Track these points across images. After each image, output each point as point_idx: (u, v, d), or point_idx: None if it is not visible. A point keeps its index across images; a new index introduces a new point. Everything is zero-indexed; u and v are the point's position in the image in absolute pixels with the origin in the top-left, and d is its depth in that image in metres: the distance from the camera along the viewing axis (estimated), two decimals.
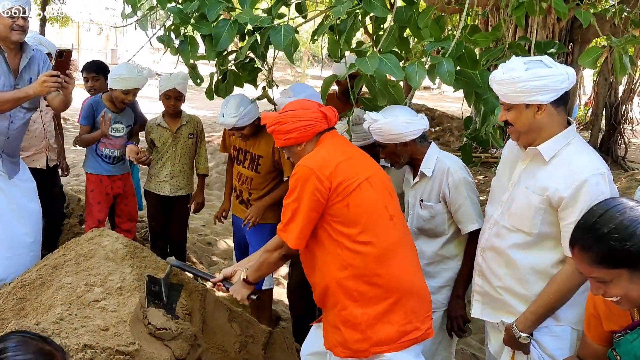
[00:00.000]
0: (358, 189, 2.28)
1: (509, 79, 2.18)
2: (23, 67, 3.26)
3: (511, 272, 2.38)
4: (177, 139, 4.19)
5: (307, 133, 2.39)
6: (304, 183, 2.26)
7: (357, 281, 2.28)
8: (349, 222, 2.27)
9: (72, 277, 2.88)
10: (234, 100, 3.48)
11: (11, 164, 3.41)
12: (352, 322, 2.29)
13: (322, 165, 2.28)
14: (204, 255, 5.28)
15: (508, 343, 2.40)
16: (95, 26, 23.97)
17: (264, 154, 3.65)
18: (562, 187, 2.19)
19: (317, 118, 2.40)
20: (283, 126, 2.39)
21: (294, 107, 2.44)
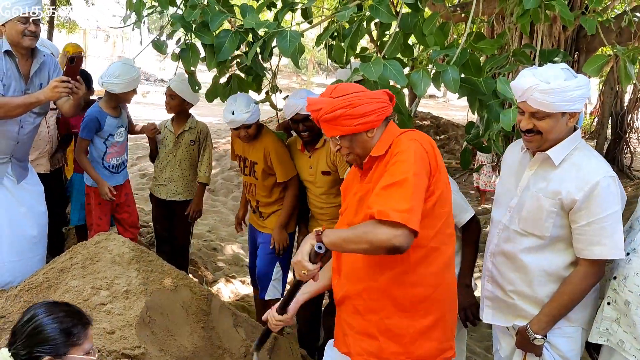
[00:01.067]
0: (446, 188, 2.08)
1: (559, 88, 2.16)
2: (34, 72, 3.29)
3: (523, 276, 2.40)
4: (178, 144, 4.19)
5: (382, 116, 2.06)
6: (423, 160, 1.96)
7: (413, 290, 2.08)
8: (427, 223, 2.00)
9: (78, 281, 2.91)
10: (243, 98, 3.49)
11: (20, 168, 3.44)
12: (395, 333, 2.10)
13: (429, 148, 2.02)
14: (209, 261, 5.30)
15: (521, 346, 2.42)
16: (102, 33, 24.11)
17: (258, 160, 3.65)
18: (574, 190, 2.23)
19: (387, 100, 2.10)
20: (357, 109, 2.01)
21: (357, 88, 2.09)
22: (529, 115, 2.27)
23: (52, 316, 1.80)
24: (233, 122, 3.49)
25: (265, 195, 3.74)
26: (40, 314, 1.81)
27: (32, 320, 1.80)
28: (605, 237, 2.21)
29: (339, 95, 2.05)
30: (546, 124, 2.25)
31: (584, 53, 8.05)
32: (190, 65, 3.29)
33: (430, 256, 2.09)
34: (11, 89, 3.19)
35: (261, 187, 3.72)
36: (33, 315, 1.81)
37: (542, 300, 2.37)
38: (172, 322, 2.96)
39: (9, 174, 3.38)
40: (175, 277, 3.16)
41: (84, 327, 1.85)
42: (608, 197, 2.21)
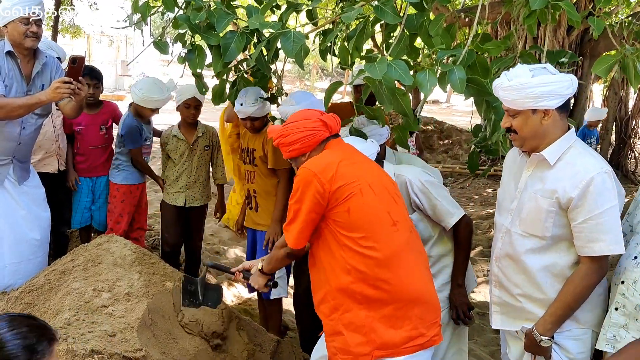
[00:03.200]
0: (359, 193, 2.28)
1: (517, 85, 2.21)
2: (36, 73, 3.27)
3: (528, 278, 2.38)
4: (194, 151, 4.19)
5: (310, 143, 2.41)
6: (306, 185, 2.28)
7: (361, 285, 2.26)
8: (351, 226, 2.27)
9: (80, 283, 2.88)
10: (253, 91, 3.56)
11: (21, 170, 3.42)
12: (356, 325, 2.28)
13: (323, 168, 2.29)
14: None
15: (529, 349, 2.39)
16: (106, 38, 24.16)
17: (257, 148, 3.75)
18: (569, 188, 2.22)
19: (318, 127, 2.42)
20: (286, 138, 2.42)
21: (296, 118, 2.47)
22: (506, 114, 2.34)
23: (15, 331, 1.67)
24: (239, 112, 3.62)
25: (263, 183, 3.78)
26: (2, 328, 1.67)
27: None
28: (603, 232, 2.19)
29: (285, 124, 2.47)
30: (517, 122, 2.29)
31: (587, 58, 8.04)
32: (196, 67, 3.27)
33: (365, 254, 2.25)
34: (13, 90, 3.18)
35: (259, 174, 3.78)
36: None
37: (549, 301, 2.34)
38: (173, 324, 2.93)
39: (11, 175, 3.36)
40: (178, 280, 3.13)
41: (49, 342, 1.73)
42: (604, 192, 2.19)
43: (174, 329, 2.91)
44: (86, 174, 4.23)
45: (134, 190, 4.20)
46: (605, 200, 2.19)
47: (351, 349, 2.28)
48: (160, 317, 2.87)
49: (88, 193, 4.22)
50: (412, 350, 2.27)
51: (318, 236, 2.36)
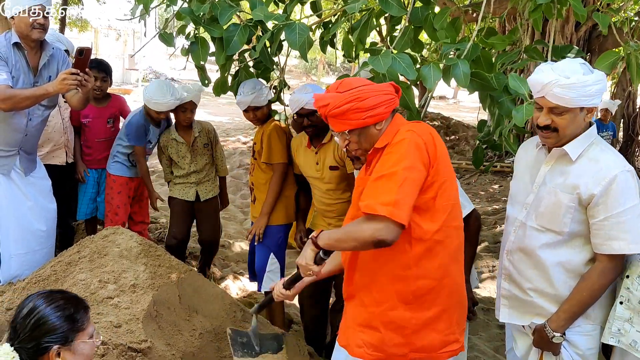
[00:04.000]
0: (449, 180, 2.05)
1: (578, 82, 2.14)
2: (42, 65, 3.29)
3: (541, 273, 2.37)
4: (195, 151, 4.24)
5: (390, 108, 2.05)
6: (417, 150, 1.93)
7: (417, 283, 2.07)
8: (432, 216, 2.02)
9: (86, 274, 2.90)
10: (251, 82, 3.61)
11: (28, 161, 3.44)
12: (397, 325, 2.10)
13: (427, 139, 1.98)
14: (217, 258, 5.28)
15: (539, 344, 2.38)
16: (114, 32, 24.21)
17: (257, 141, 3.79)
18: (592, 184, 2.21)
19: (393, 91, 2.08)
20: (364, 102, 2.00)
21: (363, 82, 2.07)
22: (547, 110, 2.24)
23: (53, 305, 1.79)
24: (240, 104, 3.65)
25: (260, 176, 3.82)
26: (40, 305, 1.79)
27: (33, 312, 1.78)
28: (623, 231, 2.18)
29: (345, 89, 2.05)
30: (564, 120, 2.22)
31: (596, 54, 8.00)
32: (199, 59, 3.29)
33: (433, 249, 2.06)
34: (20, 82, 3.19)
35: (257, 167, 3.82)
36: (33, 308, 1.78)
37: (560, 297, 2.33)
38: (179, 316, 2.95)
39: (17, 166, 3.38)
40: (183, 272, 3.15)
41: (85, 311, 1.86)
42: (626, 191, 2.18)
43: (179, 321, 2.93)
44: (92, 165, 4.26)
45: (130, 182, 4.18)
46: (627, 199, 2.18)
47: (386, 348, 2.11)
48: (166, 308, 2.89)
49: (94, 185, 4.25)
50: (447, 356, 2.17)
51: None
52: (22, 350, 1.74)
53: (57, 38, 3.81)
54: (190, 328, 2.94)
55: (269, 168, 3.75)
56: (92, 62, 3.82)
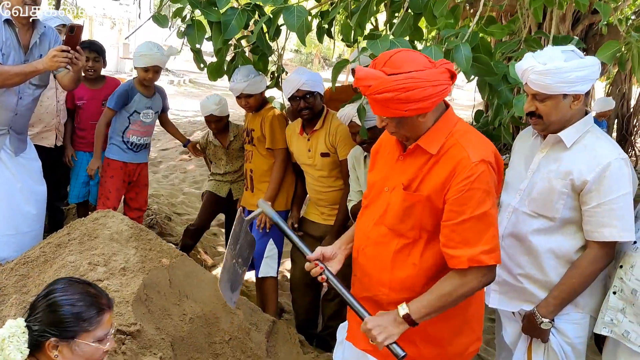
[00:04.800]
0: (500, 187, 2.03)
1: (554, 69, 2.13)
2: (34, 43, 3.23)
3: (532, 259, 2.36)
4: (230, 154, 4.33)
5: (439, 100, 1.85)
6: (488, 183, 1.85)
7: None
8: None
9: (75, 256, 2.85)
10: (245, 68, 3.59)
11: (18, 141, 3.39)
12: (435, 337, 2.06)
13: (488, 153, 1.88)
14: (208, 246, 5.25)
15: (527, 331, 2.38)
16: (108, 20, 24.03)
17: (255, 128, 3.76)
18: (585, 171, 2.20)
19: (447, 80, 1.84)
20: (409, 93, 1.77)
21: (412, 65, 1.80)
22: (531, 97, 2.27)
23: (67, 296, 1.75)
24: (233, 90, 3.64)
25: (260, 163, 3.80)
26: (57, 291, 1.76)
27: (48, 296, 1.75)
28: (615, 218, 2.17)
29: (393, 72, 1.79)
30: (547, 107, 2.23)
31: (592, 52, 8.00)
32: (195, 42, 3.25)
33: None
34: (10, 59, 3.14)
35: (257, 154, 3.79)
36: (50, 291, 1.76)
37: (551, 283, 2.33)
38: (169, 301, 2.91)
39: (7, 146, 3.33)
40: (174, 257, 3.11)
41: (99, 312, 1.77)
42: (619, 178, 2.18)
43: (169, 305, 2.89)
44: (86, 148, 4.18)
45: (124, 167, 4.09)
46: (620, 186, 2.17)
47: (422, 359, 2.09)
48: (156, 292, 2.85)
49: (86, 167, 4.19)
50: (470, 356, 2.16)
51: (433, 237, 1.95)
52: (30, 330, 1.73)
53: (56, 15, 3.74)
54: (180, 313, 2.90)
55: (270, 154, 3.72)
56: (84, 42, 3.74)
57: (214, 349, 2.91)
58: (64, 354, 1.73)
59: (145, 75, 3.89)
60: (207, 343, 2.89)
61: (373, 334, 1.90)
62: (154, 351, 2.57)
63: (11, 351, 1.65)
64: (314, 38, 20.52)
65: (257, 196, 3.78)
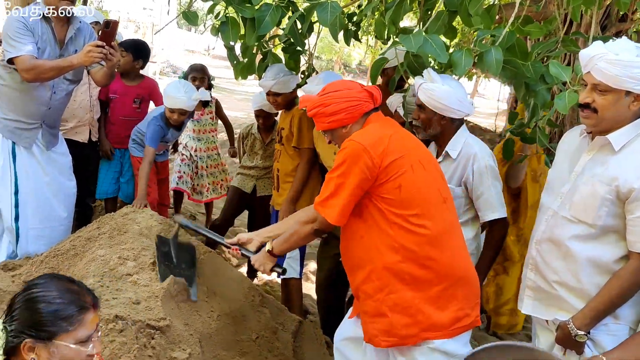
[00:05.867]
0: (410, 169, 2.17)
1: (627, 61, 2.02)
2: (69, 38, 3.25)
3: (569, 266, 2.25)
4: (268, 150, 4.36)
5: (354, 114, 2.26)
6: (354, 159, 2.14)
7: (409, 264, 2.16)
8: (402, 203, 2.16)
9: (105, 250, 2.85)
10: (277, 67, 3.60)
11: (50, 135, 3.41)
12: (402, 306, 2.18)
13: (374, 142, 2.16)
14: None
15: (561, 342, 2.26)
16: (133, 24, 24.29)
17: (285, 126, 3.75)
18: (633, 178, 2.08)
19: (364, 97, 2.27)
20: (327, 108, 2.26)
21: (336, 87, 2.30)
22: (590, 87, 2.13)
23: (45, 292, 1.60)
24: (262, 86, 3.68)
25: (286, 163, 3.79)
26: (37, 286, 1.61)
27: (27, 291, 1.61)
28: None
29: (322, 93, 2.30)
30: (605, 100, 2.10)
31: None
32: (229, 39, 3.23)
33: (417, 232, 2.16)
34: (46, 54, 3.16)
35: (284, 154, 3.78)
36: (30, 286, 1.62)
37: (588, 293, 2.22)
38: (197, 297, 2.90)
39: (39, 140, 3.35)
40: (202, 253, 3.10)
41: (80, 310, 1.61)
42: None
43: (197, 302, 2.88)
44: (115, 145, 4.20)
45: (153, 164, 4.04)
46: None
47: (396, 331, 2.19)
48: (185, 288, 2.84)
49: (116, 164, 4.19)
50: (460, 331, 2.21)
51: (359, 213, 2.23)
52: (6, 330, 1.58)
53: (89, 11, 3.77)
54: (208, 309, 2.88)
55: (296, 154, 3.70)
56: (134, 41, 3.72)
57: (241, 346, 2.89)
58: (41, 356, 1.56)
59: (171, 115, 3.80)
60: (234, 341, 2.87)
61: (256, 266, 2.48)
62: (183, 347, 2.55)
63: None
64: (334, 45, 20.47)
65: (282, 196, 3.77)
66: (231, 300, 3.03)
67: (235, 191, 4.42)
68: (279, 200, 3.80)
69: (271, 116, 4.22)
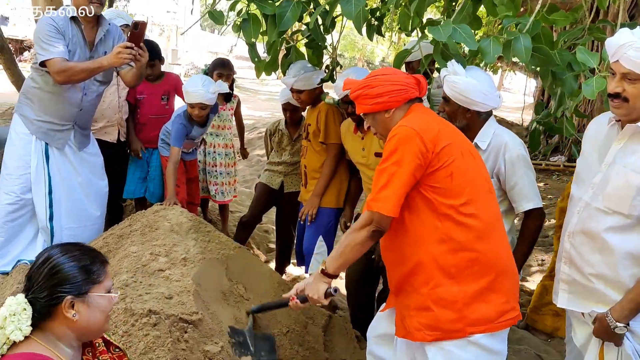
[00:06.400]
0: (460, 156, 2.12)
1: None
2: (99, 40, 3.32)
3: (605, 258, 2.21)
4: (295, 146, 4.33)
5: (399, 98, 2.20)
6: (406, 144, 2.06)
7: (455, 256, 2.11)
8: (453, 192, 2.09)
9: (137, 247, 2.90)
10: (299, 64, 3.61)
11: (82, 136, 3.48)
12: (448, 301, 2.11)
13: (425, 127, 2.09)
14: (261, 243, 5.29)
15: (599, 334, 2.23)
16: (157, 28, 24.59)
17: (312, 122, 3.75)
18: None
19: (410, 83, 2.22)
20: (372, 89, 2.19)
21: (384, 71, 2.26)
22: (620, 77, 2.09)
23: (68, 255, 1.70)
24: (284, 83, 3.70)
25: (313, 159, 3.80)
26: (55, 254, 1.70)
27: (47, 261, 1.69)
28: None
29: (368, 76, 2.26)
30: (636, 89, 2.06)
31: None
32: (251, 36, 3.26)
33: (465, 223, 2.11)
34: (76, 56, 3.23)
35: (311, 150, 3.79)
36: (48, 257, 1.70)
37: (626, 284, 2.17)
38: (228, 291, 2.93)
39: (72, 141, 3.42)
40: (232, 249, 3.14)
41: (102, 264, 1.75)
42: None
43: (228, 296, 2.91)
44: (146, 144, 4.24)
45: (181, 163, 4.06)
46: None
47: (441, 325, 2.13)
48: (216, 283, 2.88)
49: (143, 163, 4.24)
50: (507, 325, 2.16)
51: (405, 205, 2.13)
52: (36, 301, 1.65)
53: (117, 14, 3.83)
54: (239, 304, 2.91)
55: (323, 150, 3.72)
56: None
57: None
58: (80, 311, 1.67)
59: (192, 111, 3.79)
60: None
61: (310, 295, 2.28)
62: (215, 340, 2.59)
63: (12, 330, 1.61)
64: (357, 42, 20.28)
65: (310, 192, 3.79)
66: (262, 294, 3.07)
67: (263, 187, 4.41)
68: (307, 197, 3.82)
69: (299, 110, 4.19)
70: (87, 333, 1.74)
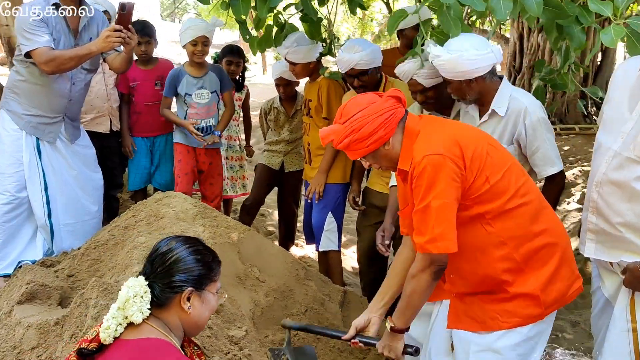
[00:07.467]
0: (487, 156, 2.03)
1: None
2: (83, 26, 3.17)
3: (635, 207, 2.16)
4: (292, 122, 4.22)
5: (392, 125, 2.03)
6: (440, 172, 1.93)
7: (519, 251, 2.07)
8: (493, 195, 2.02)
9: (145, 237, 2.80)
10: (294, 35, 3.51)
11: (73, 128, 3.35)
12: (526, 293, 2.08)
13: (448, 146, 1.97)
14: (259, 226, 5.20)
15: (630, 284, 2.19)
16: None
17: (312, 98, 3.68)
18: None
19: (392, 105, 2.05)
20: (360, 132, 2.00)
21: (358, 107, 2.05)
22: None
23: (193, 248, 1.71)
24: (280, 53, 3.61)
25: (317, 136, 3.60)
26: (179, 246, 1.70)
27: (172, 251, 1.68)
28: None
29: (345, 119, 2.05)
30: None
31: None
32: (240, 13, 3.14)
33: (514, 215, 2.06)
34: (61, 44, 3.08)
35: (314, 126, 3.69)
36: (173, 247, 1.69)
37: None
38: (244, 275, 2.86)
39: (62, 134, 3.29)
40: (242, 232, 3.06)
41: (218, 264, 1.78)
42: None
43: (245, 280, 2.84)
44: (144, 133, 4.06)
45: (191, 151, 3.90)
46: None
47: (519, 310, 2.09)
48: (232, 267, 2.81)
49: (147, 153, 4.07)
50: (576, 295, 2.16)
51: None
52: (155, 285, 1.65)
53: (96, 0, 3.63)
54: (256, 286, 2.85)
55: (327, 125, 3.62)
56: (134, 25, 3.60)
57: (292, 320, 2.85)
58: (195, 305, 1.68)
59: (194, 49, 3.68)
60: (285, 315, 2.83)
61: (386, 354, 2.15)
62: (238, 325, 2.53)
63: (134, 312, 1.59)
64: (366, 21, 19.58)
65: (315, 169, 3.71)
66: (276, 275, 3.00)
67: (263, 169, 4.30)
68: (311, 174, 3.75)
69: (292, 84, 4.08)
70: (194, 328, 1.74)
